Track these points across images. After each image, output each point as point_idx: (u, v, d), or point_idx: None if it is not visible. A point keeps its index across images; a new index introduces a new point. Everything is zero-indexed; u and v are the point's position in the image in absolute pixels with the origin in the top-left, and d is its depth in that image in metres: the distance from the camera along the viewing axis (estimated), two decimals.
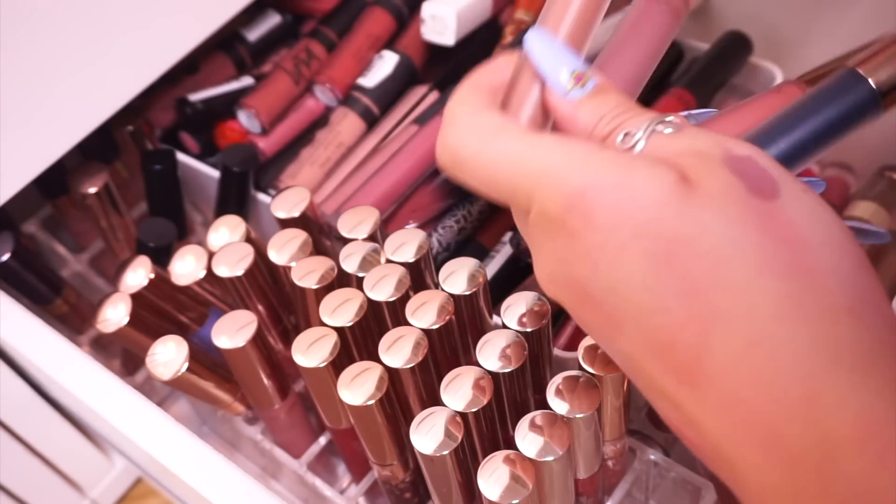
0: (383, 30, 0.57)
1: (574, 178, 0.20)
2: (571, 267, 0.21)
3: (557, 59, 0.23)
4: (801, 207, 0.19)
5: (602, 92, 0.23)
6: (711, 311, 0.18)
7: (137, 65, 0.46)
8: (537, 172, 0.21)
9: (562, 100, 0.23)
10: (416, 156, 0.48)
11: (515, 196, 0.22)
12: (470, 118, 0.23)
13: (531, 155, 0.21)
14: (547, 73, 0.23)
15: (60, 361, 0.40)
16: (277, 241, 0.40)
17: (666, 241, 0.19)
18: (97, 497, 0.59)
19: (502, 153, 0.22)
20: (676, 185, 0.19)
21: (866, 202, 0.49)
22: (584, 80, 0.23)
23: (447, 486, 0.34)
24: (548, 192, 0.21)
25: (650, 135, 0.21)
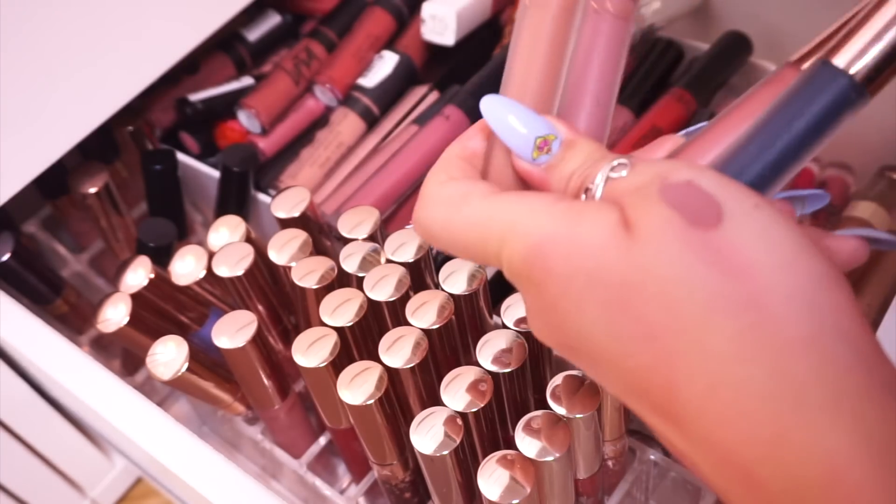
0: (383, 30, 0.57)
1: (532, 231, 0.21)
2: (545, 316, 0.21)
3: (519, 126, 0.23)
4: (748, 230, 0.19)
5: (569, 148, 0.23)
6: (670, 354, 0.18)
7: (137, 65, 0.46)
8: (500, 231, 0.22)
9: (530, 167, 0.23)
10: (416, 156, 0.48)
11: (487, 257, 0.23)
12: (437, 192, 0.24)
13: (494, 215, 0.22)
14: (510, 143, 0.23)
15: (60, 361, 0.40)
16: (277, 241, 0.40)
17: (616, 287, 0.19)
18: (97, 497, 0.59)
19: (467, 219, 0.23)
20: (617, 228, 0.19)
21: (866, 202, 0.49)
22: (548, 145, 0.23)
23: (447, 487, 0.34)
24: (511, 248, 0.21)
25: (606, 182, 0.21)
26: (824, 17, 0.49)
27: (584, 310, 0.20)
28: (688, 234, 0.19)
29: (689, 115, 0.51)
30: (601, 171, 0.21)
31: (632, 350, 0.19)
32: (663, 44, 0.55)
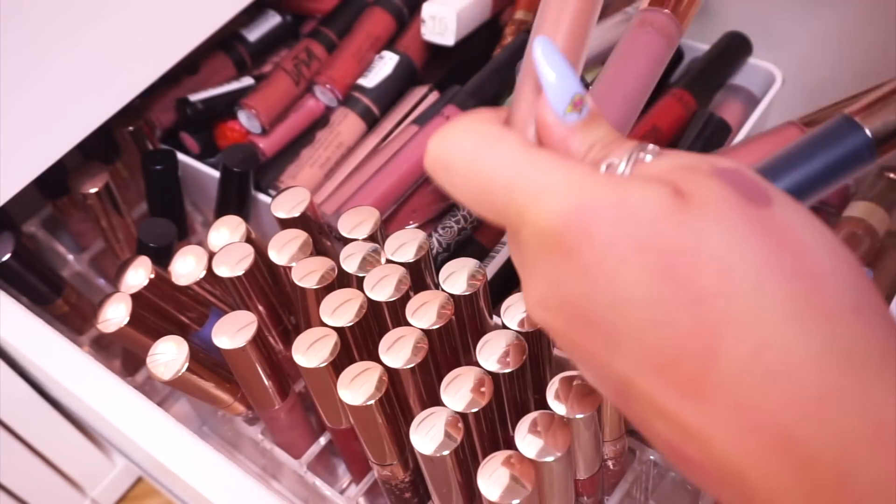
0: (383, 30, 0.57)
1: (570, 196, 0.20)
2: (565, 286, 0.20)
3: (561, 79, 0.23)
4: (793, 215, 0.20)
5: (594, 119, 0.23)
6: (718, 317, 0.18)
7: (138, 65, 0.46)
8: (533, 189, 0.21)
9: (558, 121, 0.23)
10: (417, 156, 0.48)
11: (506, 211, 0.22)
12: (471, 122, 0.23)
13: (528, 170, 0.21)
14: (550, 91, 0.23)
15: (61, 361, 0.40)
16: (278, 242, 0.40)
17: (667, 253, 0.19)
18: (98, 497, 0.59)
19: (498, 163, 0.22)
20: (671, 198, 0.19)
21: (865, 202, 0.49)
22: (581, 105, 0.23)
23: (447, 487, 0.34)
24: (542, 210, 0.21)
25: (633, 163, 0.21)
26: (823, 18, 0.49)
27: (623, 276, 0.19)
28: (744, 208, 0.19)
29: (688, 116, 0.51)
30: (628, 150, 0.21)
31: (672, 316, 0.19)
32: None
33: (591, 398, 0.32)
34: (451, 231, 0.49)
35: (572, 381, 0.32)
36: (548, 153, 0.22)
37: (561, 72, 0.23)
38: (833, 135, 0.25)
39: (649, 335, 0.19)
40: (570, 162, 0.21)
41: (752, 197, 0.20)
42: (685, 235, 0.19)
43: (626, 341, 0.20)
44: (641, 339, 0.19)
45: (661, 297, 0.19)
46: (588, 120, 0.23)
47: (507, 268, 0.48)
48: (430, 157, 0.24)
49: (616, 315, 0.20)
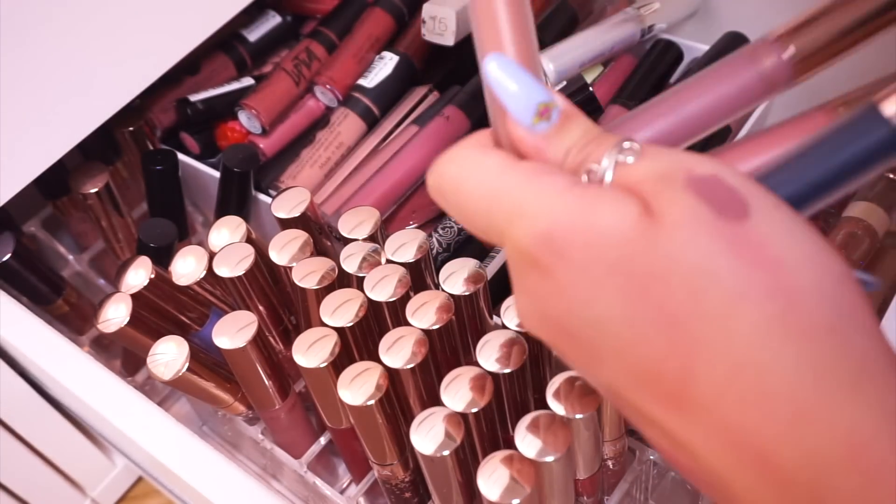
0: (383, 30, 0.57)
1: (541, 218, 0.20)
2: (547, 303, 0.21)
3: (520, 92, 0.22)
4: (773, 225, 0.19)
5: (568, 120, 0.22)
6: (692, 340, 0.18)
7: (138, 65, 0.46)
8: (509, 209, 0.21)
9: (526, 134, 0.23)
10: (417, 156, 0.48)
11: (490, 231, 0.22)
12: (457, 150, 0.24)
13: (504, 190, 0.21)
14: (510, 107, 0.23)
15: (61, 361, 0.40)
16: (278, 242, 0.40)
17: (639, 276, 0.19)
18: (98, 496, 0.59)
19: (478, 186, 0.22)
20: (640, 218, 0.19)
21: (864, 202, 0.49)
22: (549, 112, 0.22)
23: (447, 487, 0.34)
24: (519, 231, 0.21)
25: (614, 167, 0.21)
26: None
27: (599, 297, 0.19)
28: (716, 225, 0.19)
29: None
30: (608, 153, 0.21)
31: (648, 336, 0.19)
32: (663, 44, 0.55)
33: (591, 398, 0.32)
34: (451, 231, 0.49)
35: (572, 381, 0.32)
36: (522, 172, 0.22)
37: (519, 84, 0.22)
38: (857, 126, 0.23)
39: (628, 353, 0.19)
40: (543, 178, 0.21)
41: (727, 210, 0.19)
42: (655, 259, 0.19)
43: (607, 356, 0.20)
44: (621, 356, 0.20)
45: (635, 318, 0.19)
46: (561, 124, 0.22)
47: (507, 268, 0.48)
48: (429, 186, 0.24)
49: (595, 332, 0.20)
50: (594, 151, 0.21)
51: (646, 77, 0.53)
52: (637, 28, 0.54)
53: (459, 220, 0.24)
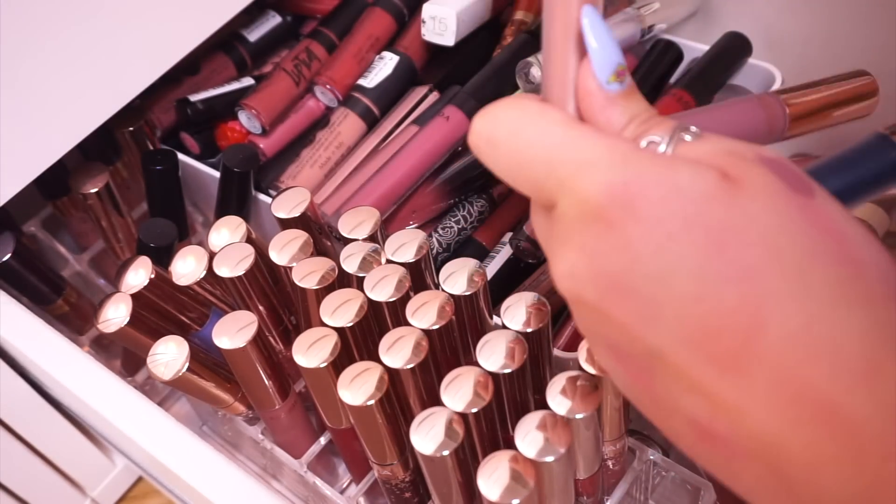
0: (383, 30, 0.57)
1: (617, 170, 0.20)
2: (606, 258, 0.20)
3: (606, 47, 0.23)
4: (834, 206, 0.20)
5: (634, 92, 0.23)
6: (766, 293, 0.19)
7: (138, 65, 0.46)
8: (576, 161, 0.21)
9: (600, 89, 0.23)
10: (417, 156, 0.48)
11: (546, 183, 0.22)
12: (512, 100, 0.23)
13: (571, 143, 0.22)
14: (597, 57, 0.23)
15: (61, 361, 0.40)
16: (278, 242, 0.40)
17: (716, 230, 0.19)
18: (98, 496, 0.59)
19: (541, 136, 0.22)
20: (720, 180, 0.20)
21: (865, 203, 0.49)
22: (624, 76, 0.23)
23: (447, 487, 0.34)
24: (587, 182, 0.21)
25: (676, 143, 0.21)
26: (823, 18, 0.49)
27: (670, 250, 0.19)
28: (790, 195, 0.20)
29: None
30: (670, 128, 0.21)
31: (717, 290, 0.19)
32: (663, 45, 0.55)
33: (591, 398, 0.32)
34: (451, 231, 0.49)
35: (573, 380, 0.32)
36: (590, 128, 0.22)
37: (606, 40, 0.23)
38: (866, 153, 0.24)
39: (691, 309, 0.19)
40: (613, 137, 0.22)
41: (797, 186, 0.20)
42: (734, 214, 0.19)
43: (665, 314, 0.20)
44: (682, 313, 0.19)
45: (707, 272, 0.19)
46: (629, 91, 0.23)
47: (507, 267, 0.48)
48: (474, 133, 0.24)
49: (658, 288, 0.20)
50: (655, 126, 0.22)
51: (646, 77, 0.53)
52: (637, 28, 0.54)
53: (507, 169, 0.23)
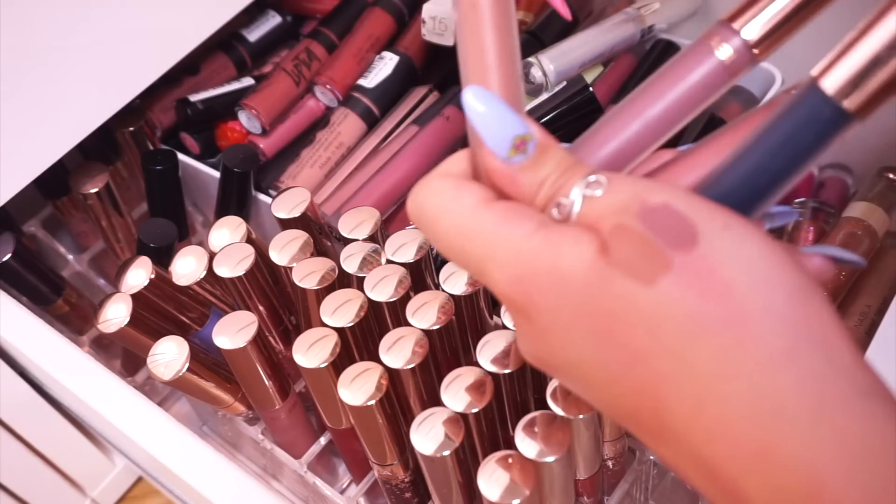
0: (384, 30, 0.57)
1: (512, 266, 0.21)
2: (533, 344, 0.22)
3: (498, 124, 0.22)
4: (721, 251, 0.19)
5: (542, 153, 0.22)
6: (657, 376, 0.19)
7: (138, 65, 0.46)
8: (482, 253, 0.22)
9: (502, 166, 0.22)
10: (417, 156, 0.48)
11: (468, 269, 0.23)
12: (436, 180, 0.23)
13: (477, 233, 0.22)
14: (487, 139, 0.22)
15: (61, 361, 0.40)
16: (278, 242, 0.40)
17: (602, 317, 0.19)
18: (98, 496, 0.59)
19: (454, 225, 0.22)
20: (597, 259, 0.20)
21: (865, 203, 0.49)
22: (525, 145, 0.22)
23: (447, 487, 0.34)
24: (494, 277, 0.21)
25: (581, 201, 0.21)
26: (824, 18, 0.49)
27: (573, 340, 0.20)
28: (665, 259, 0.19)
29: None
30: (576, 187, 0.21)
31: (619, 375, 0.20)
32: (663, 44, 0.55)
33: None
34: None
35: None
36: (494, 214, 0.22)
37: (497, 117, 0.22)
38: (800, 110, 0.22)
39: (607, 391, 0.20)
40: (512, 224, 0.21)
41: (677, 239, 0.19)
42: (614, 298, 0.19)
43: (593, 392, 0.21)
44: (603, 394, 0.21)
45: (606, 360, 0.20)
46: (536, 156, 0.22)
47: None
48: (409, 212, 0.24)
49: (577, 372, 0.21)
50: (565, 185, 0.22)
51: (646, 77, 0.53)
52: (637, 28, 0.54)
53: (442, 252, 0.24)
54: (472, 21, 0.23)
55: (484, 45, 0.23)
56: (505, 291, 0.21)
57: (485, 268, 0.22)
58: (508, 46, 0.23)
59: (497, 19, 0.23)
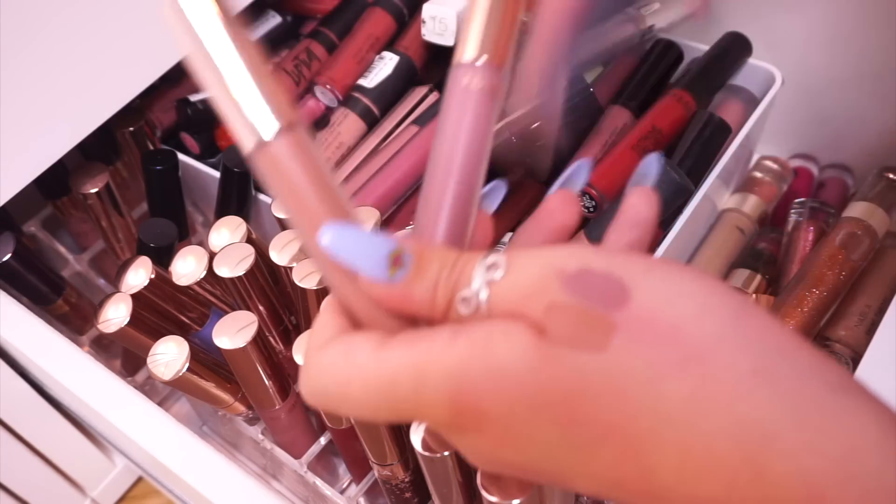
0: (383, 30, 0.57)
1: (444, 383, 0.19)
2: (495, 454, 0.20)
3: (365, 251, 0.21)
4: (655, 294, 0.19)
5: (422, 258, 0.21)
6: (635, 439, 0.18)
7: (138, 65, 0.46)
8: (408, 390, 0.20)
9: (389, 289, 0.21)
10: (417, 156, 0.48)
11: (403, 417, 0.21)
12: (318, 361, 0.22)
13: (393, 374, 0.20)
14: (363, 268, 0.21)
15: (61, 361, 0.40)
16: (278, 242, 0.40)
17: (560, 401, 0.19)
18: (98, 496, 0.59)
19: (365, 385, 0.21)
20: (537, 343, 0.19)
21: (865, 203, 0.49)
22: (401, 259, 0.21)
23: (448, 487, 0.34)
24: (430, 409, 0.20)
25: (487, 288, 0.20)
26: (823, 18, 0.49)
27: (536, 434, 0.19)
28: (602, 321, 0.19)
29: (688, 116, 0.51)
30: (475, 275, 0.20)
31: (595, 453, 0.19)
32: (663, 45, 0.55)
33: None
34: None
35: None
36: (399, 346, 0.20)
37: (361, 245, 0.21)
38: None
39: (587, 470, 0.19)
40: (423, 343, 0.20)
41: (609, 298, 0.19)
42: (567, 378, 0.19)
43: (572, 479, 0.20)
44: (583, 475, 0.20)
45: (577, 441, 0.19)
46: (417, 264, 0.21)
47: None
48: (309, 401, 0.23)
49: (550, 464, 0.20)
50: (461, 277, 0.21)
51: (646, 77, 0.53)
52: (637, 28, 0.54)
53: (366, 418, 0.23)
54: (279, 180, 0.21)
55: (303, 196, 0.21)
56: (447, 416, 0.20)
57: (418, 405, 0.20)
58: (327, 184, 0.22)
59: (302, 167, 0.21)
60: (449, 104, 0.25)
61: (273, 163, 0.21)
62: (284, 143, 0.21)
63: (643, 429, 0.18)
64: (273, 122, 0.21)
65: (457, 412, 0.20)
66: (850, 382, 0.19)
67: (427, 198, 0.25)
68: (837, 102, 0.58)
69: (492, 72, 0.25)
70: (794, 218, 0.53)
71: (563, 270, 0.19)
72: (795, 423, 0.18)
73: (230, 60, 0.21)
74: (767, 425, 0.18)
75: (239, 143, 0.21)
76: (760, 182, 0.57)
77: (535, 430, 0.19)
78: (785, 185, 0.58)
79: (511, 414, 0.19)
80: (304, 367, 0.22)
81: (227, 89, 0.21)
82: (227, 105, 0.21)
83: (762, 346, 0.18)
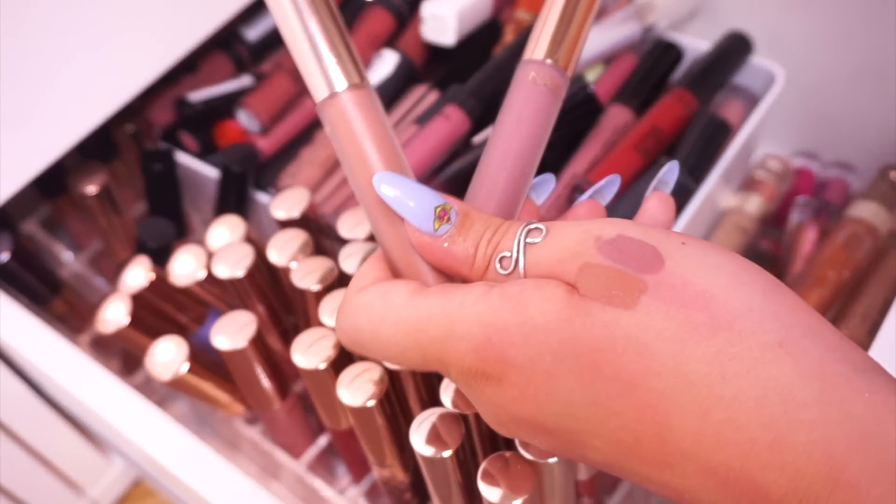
0: (383, 29, 0.57)
1: (474, 330, 0.20)
2: (513, 408, 0.21)
3: (416, 200, 0.22)
4: (689, 263, 0.19)
5: (467, 217, 0.23)
6: (656, 397, 0.19)
7: (137, 64, 0.46)
8: (438, 333, 0.21)
9: (432, 241, 0.22)
10: (417, 155, 0.48)
11: (428, 364, 0.22)
12: (356, 300, 0.23)
13: (426, 317, 0.21)
14: (411, 216, 0.22)
15: (59, 361, 0.40)
16: (277, 242, 0.40)
17: (585, 353, 0.19)
18: (96, 497, 0.59)
19: (397, 324, 0.22)
20: (569, 298, 0.19)
21: (868, 202, 0.49)
22: (447, 214, 0.22)
23: (447, 488, 0.34)
24: (458, 353, 0.21)
25: (525, 250, 0.21)
26: (824, 17, 0.49)
27: (557, 386, 0.20)
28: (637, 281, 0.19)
29: (689, 115, 0.50)
30: (516, 237, 0.21)
31: (615, 409, 0.19)
32: (664, 44, 0.55)
33: None
34: None
35: None
36: (435, 293, 0.22)
37: (412, 194, 0.23)
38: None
39: (603, 430, 0.20)
40: (461, 292, 0.21)
41: (643, 263, 0.19)
42: (595, 332, 0.19)
43: (587, 439, 0.20)
44: (599, 435, 0.20)
45: (598, 395, 0.19)
46: (461, 222, 0.23)
47: None
48: (341, 339, 0.24)
49: (567, 421, 0.20)
50: (502, 239, 0.22)
51: (647, 76, 0.53)
52: (638, 26, 0.54)
53: (391, 361, 0.23)
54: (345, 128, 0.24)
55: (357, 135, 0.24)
56: (473, 362, 0.20)
57: (445, 349, 0.21)
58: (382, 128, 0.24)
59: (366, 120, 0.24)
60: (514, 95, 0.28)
61: (341, 112, 0.24)
62: (354, 95, 0.24)
63: (665, 387, 0.18)
64: (345, 77, 0.24)
65: (482, 358, 0.20)
66: (874, 364, 0.19)
67: (481, 176, 0.27)
68: (839, 100, 0.58)
69: (558, 73, 0.27)
70: (796, 217, 0.53)
71: (601, 237, 0.20)
72: (819, 395, 0.18)
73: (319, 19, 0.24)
74: (790, 394, 0.18)
75: (312, 91, 0.24)
76: (762, 181, 0.57)
77: (556, 383, 0.20)
78: (786, 184, 0.58)
79: (535, 363, 0.20)
80: (341, 306, 0.24)
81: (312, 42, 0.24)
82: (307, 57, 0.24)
83: (789, 321, 0.19)
